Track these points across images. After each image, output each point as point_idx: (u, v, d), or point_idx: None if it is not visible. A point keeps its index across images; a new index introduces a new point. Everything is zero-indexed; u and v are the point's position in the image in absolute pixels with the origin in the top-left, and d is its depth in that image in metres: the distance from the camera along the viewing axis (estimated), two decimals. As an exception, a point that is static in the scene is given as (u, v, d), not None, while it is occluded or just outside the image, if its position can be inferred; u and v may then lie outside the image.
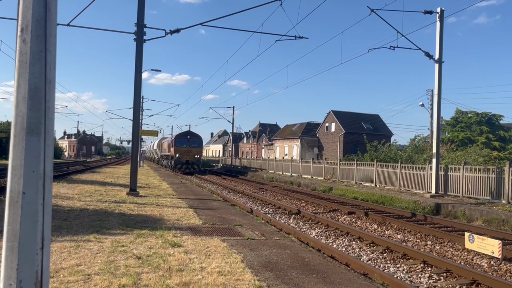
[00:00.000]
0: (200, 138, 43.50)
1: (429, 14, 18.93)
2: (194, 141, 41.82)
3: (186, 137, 41.60)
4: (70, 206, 11.86)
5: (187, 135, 42.25)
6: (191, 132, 44.19)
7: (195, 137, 42.63)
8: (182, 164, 39.98)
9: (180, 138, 41.53)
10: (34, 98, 1.72)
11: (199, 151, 42.14)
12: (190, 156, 40.37)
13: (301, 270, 6.18)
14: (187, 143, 40.90)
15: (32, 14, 1.71)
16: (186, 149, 40.36)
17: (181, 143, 40.81)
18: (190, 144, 41.03)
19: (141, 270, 5.67)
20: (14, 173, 1.70)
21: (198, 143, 42.53)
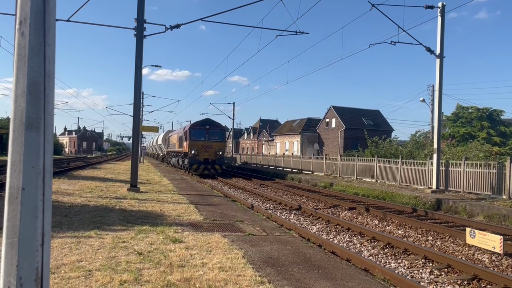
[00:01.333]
0: (222, 128, 32.08)
1: (430, 9, 18.84)
2: (215, 132, 30.68)
3: (205, 128, 30.33)
4: (71, 202, 11.86)
5: (205, 125, 30.57)
6: (211, 120, 32.02)
7: (216, 127, 31.16)
8: (199, 163, 29.51)
9: (196, 129, 30.36)
10: (33, 92, 1.69)
11: (221, 146, 31.01)
12: (209, 153, 29.86)
13: (302, 266, 6.18)
14: (205, 135, 30.12)
15: (30, 7, 1.68)
16: (204, 143, 29.82)
17: (197, 135, 30.10)
18: (210, 137, 30.25)
19: (142, 266, 5.66)
20: (13, 168, 1.68)
21: (220, 135, 31.25)
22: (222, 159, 31.31)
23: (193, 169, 29.69)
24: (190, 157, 29.77)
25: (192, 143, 29.85)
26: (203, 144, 29.84)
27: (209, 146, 29.96)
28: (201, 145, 29.76)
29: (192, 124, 31.56)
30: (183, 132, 32.93)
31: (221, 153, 30.60)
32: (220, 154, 30.38)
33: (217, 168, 30.29)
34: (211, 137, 30.36)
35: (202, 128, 30.47)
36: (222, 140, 31.43)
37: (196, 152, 29.55)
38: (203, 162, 29.69)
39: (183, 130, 33.07)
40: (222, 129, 31.80)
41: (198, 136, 30.16)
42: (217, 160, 30.21)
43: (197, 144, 29.76)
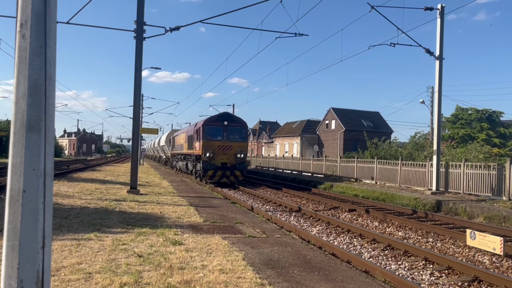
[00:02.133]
0: (244, 124, 25.51)
1: (430, 10, 18.88)
2: (235, 129, 24.67)
3: (222, 124, 24.29)
4: (70, 204, 11.84)
5: (223, 120, 24.46)
6: (230, 115, 26.08)
7: (237, 123, 25.01)
8: (215, 169, 23.64)
9: (212, 126, 24.29)
10: (34, 94, 1.69)
11: (243, 146, 24.77)
12: (228, 156, 23.92)
13: (302, 268, 6.17)
14: (223, 133, 24.14)
15: (31, 9, 1.68)
16: (222, 143, 23.90)
17: (213, 133, 24.18)
18: (229, 135, 24.28)
19: (142, 268, 5.65)
20: (14, 171, 1.67)
21: (241, 132, 24.99)
22: (244, 164, 24.78)
23: (207, 176, 23.52)
24: (204, 161, 23.48)
25: (206, 143, 23.59)
26: (221, 145, 23.73)
27: (227, 147, 23.86)
28: (217, 145, 23.64)
29: (206, 120, 24.69)
30: (194, 130, 26.29)
31: (243, 155, 24.25)
32: (241, 157, 24.11)
33: (237, 175, 24.01)
34: (230, 135, 24.23)
35: (219, 124, 24.10)
36: (243, 139, 24.88)
37: (211, 154, 23.41)
38: (220, 167, 23.56)
39: (194, 128, 26.32)
40: (243, 125, 25.18)
41: (214, 134, 24.03)
42: (238, 164, 24.04)
43: (212, 144, 23.58)
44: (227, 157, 23.86)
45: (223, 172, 23.71)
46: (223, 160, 23.77)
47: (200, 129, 24.47)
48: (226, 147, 23.91)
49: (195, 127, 26.58)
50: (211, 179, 23.67)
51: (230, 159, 23.91)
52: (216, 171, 23.62)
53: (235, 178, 24.12)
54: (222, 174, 23.73)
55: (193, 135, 26.34)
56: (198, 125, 25.38)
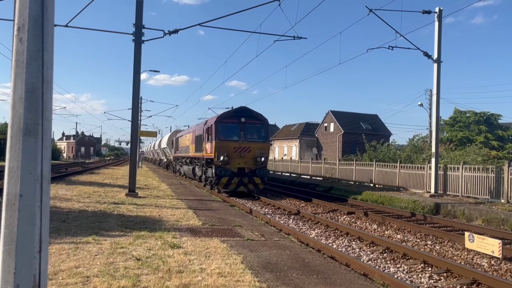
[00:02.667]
0: (265, 122, 21.23)
1: (428, 14, 18.94)
2: (254, 128, 20.68)
3: (239, 121, 20.18)
4: (68, 207, 11.82)
5: (239, 117, 20.26)
6: (248, 110, 21.21)
7: (257, 121, 20.86)
8: (231, 175, 19.72)
9: (226, 123, 20.30)
10: (31, 98, 1.69)
11: (264, 148, 20.62)
12: (246, 160, 20.03)
13: (301, 271, 6.16)
14: (240, 132, 20.08)
15: (29, 13, 1.68)
16: (239, 144, 19.91)
17: (228, 132, 20.23)
18: (247, 135, 20.27)
19: (140, 272, 5.64)
20: (11, 175, 1.67)
21: (261, 132, 20.89)
22: (265, 169, 20.86)
23: (221, 184, 19.56)
24: (217, 166, 19.55)
25: (220, 144, 19.51)
26: (237, 146, 19.71)
27: (245, 149, 19.82)
28: (233, 147, 19.60)
29: (220, 116, 20.61)
30: (204, 129, 21.98)
31: (264, 159, 20.12)
32: (261, 160, 20.01)
33: (257, 183, 19.96)
34: (248, 135, 20.15)
35: (235, 121, 20.04)
36: (264, 140, 20.65)
37: (226, 158, 19.38)
38: (236, 173, 19.63)
39: (204, 126, 22.03)
40: (264, 123, 20.91)
41: (229, 133, 20.08)
42: (258, 170, 19.94)
43: (227, 145, 19.58)
44: (244, 161, 19.83)
45: (240, 179, 19.68)
46: (240, 165, 19.76)
47: (212, 127, 20.25)
48: (243, 149, 19.79)
49: (205, 125, 22.03)
50: (225, 188, 19.69)
51: (248, 163, 19.87)
52: (232, 178, 19.58)
53: (255, 187, 19.97)
54: (239, 182, 19.69)
55: (203, 135, 22.22)
56: (210, 122, 21.09)
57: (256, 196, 19.81)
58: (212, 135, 20.27)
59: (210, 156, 20.50)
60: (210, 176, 21.03)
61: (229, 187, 19.78)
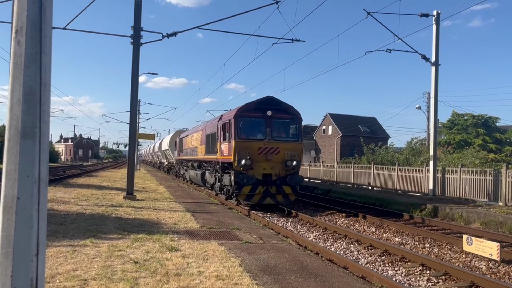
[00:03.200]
0: (297, 116, 17.05)
1: (425, 17, 19.01)
2: (284, 123, 16.94)
3: (264, 114, 16.27)
4: (66, 210, 11.79)
5: (265, 109, 16.27)
6: (276, 101, 17.01)
7: (287, 115, 16.91)
8: (255, 183, 15.73)
9: (248, 117, 16.47)
10: (29, 101, 1.69)
11: (296, 149, 16.57)
12: (274, 164, 16.15)
13: (299, 274, 6.15)
14: (266, 129, 16.31)
15: (27, 15, 1.68)
16: (265, 144, 16.07)
17: (251, 129, 16.53)
18: (275, 133, 16.55)
19: (138, 275, 5.62)
20: (8, 177, 1.67)
21: (292, 129, 17.12)
22: (298, 176, 16.46)
23: (242, 194, 15.56)
24: (237, 172, 15.54)
25: (241, 144, 15.60)
26: (263, 147, 15.77)
27: (273, 151, 15.89)
28: (258, 148, 15.73)
29: (240, 109, 16.33)
30: (219, 125, 17.78)
31: (296, 163, 16.06)
32: (293, 165, 15.98)
33: (288, 193, 15.94)
34: (276, 132, 16.35)
35: (260, 115, 16.07)
36: (296, 139, 16.66)
37: (249, 162, 15.50)
38: (262, 181, 15.67)
39: (219, 122, 17.84)
40: (296, 117, 16.71)
41: (252, 130, 16.26)
42: (289, 177, 15.93)
43: (250, 146, 15.70)
44: (271, 165, 15.77)
45: (265, 188, 15.61)
46: (266, 171, 15.73)
47: (230, 123, 16.13)
48: (270, 151, 15.79)
49: (219, 120, 17.95)
50: (247, 199, 15.59)
51: (276, 168, 15.83)
52: (256, 187, 15.45)
53: (284, 198, 15.89)
54: (265, 192, 15.62)
55: (217, 133, 17.99)
56: (227, 117, 17.06)
57: (285, 209, 16.03)
58: (230, 133, 16.13)
59: (227, 160, 16.35)
60: (227, 184, 16.65)
61: (253, 199, 15.58)
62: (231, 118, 16.14)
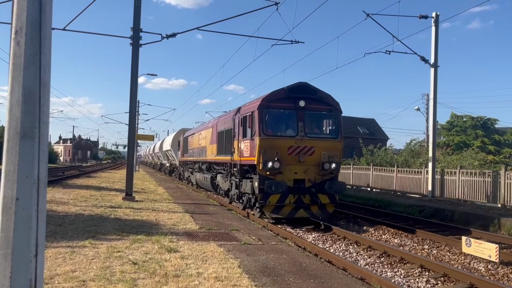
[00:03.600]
0: (335, 107, 13.43)
1: (425, 18, 19.05)
2: (319, 116, 13.73)
3: (295, 105, 12.76)
4: (65, 211, 11.77)
5: (297, 99, 12.70)
6: (311, 88, 13.17)
7: (323, 106, 13.33)
8: (285, 192, 12.23)
9: (277, 109, 13.08)
10: (28, 101, 1.69)
11: (334, 149, 13.15)
12: (307, 167, 12.71)
13: (298, 275, 6.14)
14: (297, 123, 12.81)
15: (26, 16, 1.68)
16: (296, 142, 12.63)
17: (279, 123, 13.34)
18: (309, 128, 13.17)
19: (137, 276, 5.61)
20: (7, 178, 1.66)
21: (329, 123, 13.83)
22: (337, 181, 13.29)
23: (269, 205, 12.45)
24: (262, 177, 12.43)
25: (267, 142, 12.54)
26: (294, 146, 12.68)
27: (306, 150, 12.79)
28: (288, 147, 12.64)
29: (266, 98, 13.12)
30: (237, 120, 14.78)
31: (335, 165, 13.00)
32: (331, 168, 12.90)
33: (325, 204, 12.91)
34: (310, 127, 13.35)
35: (290, 106, 12.95)
36: (335, 136, 13.52)
37: (277, 164, 12.35)
38: (293, 188, 12.57)
39: (237, 116, 14.82)
40: (334, 108, 13.50)
41: (280, 125, 13.34)
42: (327, 183, 12.83)
43: (278, 145, 12.62)
44: (305, 168, 12.61)
45: (297, 197, 12.46)
46: (298, 175, 12.56)
47: (253, 115, 12.89)
48: (303, 150, 12.60)
49: (237, 113, 14.76)
50: (275, 211, 12.38)
51: (310, 172, 12.65)
52: (286, 196, 12.29)
53: (321, 210, 12.76)
54: (297, 201, 12.47)
55: (234, 129, 14.93)
56: (249, 108, 13.69)
57: (324, 224, 12.65)
58: (253, 129, 12.83)
59: (248, 161, 13.23)
60: (247, 192, 13.45)
61: (282, 211, 12.40)
62: (255, 109, 12.81)
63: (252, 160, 12.90)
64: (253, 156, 12.81)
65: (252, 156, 12.89)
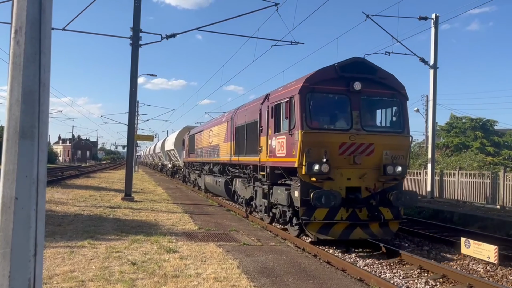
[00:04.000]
0: (399, 90, 10.06)
1: (424, 20, 19.06)
2: (380, 104, 10.35)
3: (349, 89, 9.52)
4: (64, 211, 11.76)
5: (350, 80, 9.51)
6: (368, 65, 9.91)
7: (385, 90, 9.98)
8: (336, 205, 8.88)
9: (325, 93, 9.83)
10: (27, 101, 1.69)
11: (400, 147, 9.87)
12: (364, 171, 9.46)
13: (297, 276, 6.14)
14: (351, 113, 9.60)
15: (26, 16, 1.68)
16: (350, 137, 9.39)
17: (327, 112, 10.23)
18: (366, 120, 9.91)
19: (136, 276, 5.61)
20: (6, 177, 1.66)
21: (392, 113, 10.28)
22: (405, 192, 10.16)
23: (313, 224, 9.20)
24: (305, 184, 9.18)
25: (312, 137, 9.36)
26: (348, 143, 9.51)
27: (363, 149, 9.61)
28: (339, 144, 9.46)
29: (311, 77, 9.82)
30: (264, 110, 11.77)
31: (401, 169, 9.66)
32: (396, 172, 9.63)
33: (388, 220, 9.59)
34: (365, 118, 9.99)
35: (342, 89, 9.80)
36: (401, 130, 10.18)
37: (325, 167, 9.07)
38: (346, 199, 9.34)
39: (266, 104, 11.62)
40: (398, 92, 10.21)
41: (328, 115, 10.41)
42: (393, 194, 9.52)
43: (327, 141, 9.47)
44: (360, 173, 9.64)
45: (351, 211, 9.48)
46: (352, 182, 9.59)
47: (293, 101, 9.91)
48: (359, 149, 9.63)
49: (265, 101, 11.75)
50: (323, 231, 9.31)
51: (368, 178, 9.67)
52: (336, 210, 9.29)
53: (383, 229, 9.70)
54: (351, 217, 9.46)
55: (261, 122, 11.90)
56: (286, 92, 10.49)
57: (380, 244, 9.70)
58: (292, 119, 9.73)
59: (284, 163, 10.18)
60: (282, 203, 10.18)
61: (332, 231, 9.25)
62: (295, 94, 9.62)
63: (289, 161, 9.69)
64: (291, 156, 9.57)
65: (289, 156, 9.68)
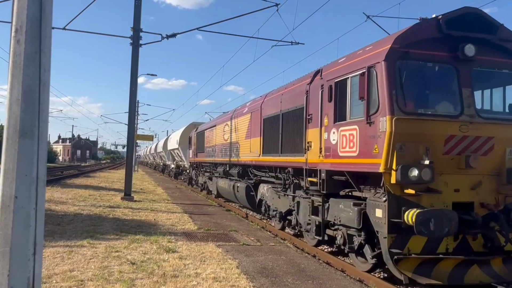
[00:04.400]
0: None
1: (424, 21, 19.05)
2: (503, 78, 6.62)
3: (457, 55, 6.13)
4: (64, 210, 11.76)
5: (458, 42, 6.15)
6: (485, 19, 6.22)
7: (504, 57, 6.34)
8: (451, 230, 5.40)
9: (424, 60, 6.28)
10: (27, 100, 1.69)
11: None
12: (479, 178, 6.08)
13: (296, 276, 6.14)
14: (460, 89, 6.13)
15: (27, 15, 1.68)
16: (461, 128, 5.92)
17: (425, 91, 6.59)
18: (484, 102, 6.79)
19: (135, 276, 5.61)
20: (6, 176, 1.66)
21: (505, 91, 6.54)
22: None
23: (410, 261, 5.81)
24: (395, 199, 5.77)
25: (407, 126, 5.80)
26: (458, 137, 6.00)
27: (479, 145, 6.09)
28: (444, 138, 5.97)
29: (403, 35, 6.40)
30: (320, 89, 7.71)
31: None
32: None
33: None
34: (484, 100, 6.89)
35: (446, 55, 6.32)
36: None
37: (427, 172, 5.56)
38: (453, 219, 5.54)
39: (322, 82, 7.68)
40: None
41: (429, 94, 6.74)
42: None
43: (427, 132, 5.93)
44: (473, 181, 6.18)
45: (461, 238, 6.08)
46: (462, 195, 6.13)
47: (375, 70, 6.28)
48: (473, 145, 6.12)
49: (314, 78, 8.32)
50: (422, 271, 5.82)
51: (485, 189, 6.20)
52: (443, 231, 5.50)
53: (507, 266, 6.09)
54: (461, 248, 6.09)
55: (310, 108, 8.37)
56: (361, 59, 6.78)
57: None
58: (373, 99, 6.32)
59: (356, 166, 6.74)
60: (349, 224, 6.87)
61: (437, 271, 5.89)
62: (378, 61, 6.30)
63: (366, 163, 6.42)
64: (369, 155, 6.33)
65: (366, 156, 6.44)
